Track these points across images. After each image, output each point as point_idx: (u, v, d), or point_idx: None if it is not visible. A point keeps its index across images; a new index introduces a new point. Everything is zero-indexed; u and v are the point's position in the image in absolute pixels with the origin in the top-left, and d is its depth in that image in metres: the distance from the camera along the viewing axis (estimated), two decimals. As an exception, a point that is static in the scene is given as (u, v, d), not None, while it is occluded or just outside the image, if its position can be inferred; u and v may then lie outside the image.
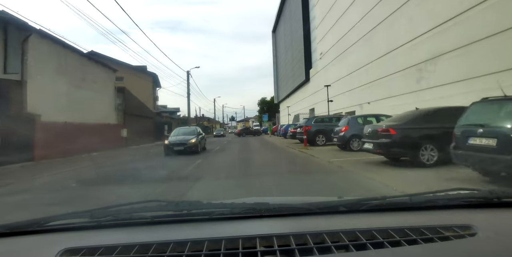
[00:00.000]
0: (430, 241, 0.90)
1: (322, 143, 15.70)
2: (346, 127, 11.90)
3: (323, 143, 15.69)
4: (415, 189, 4.60)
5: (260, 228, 1.04)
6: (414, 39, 14.17)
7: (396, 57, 15.92)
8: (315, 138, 15.68)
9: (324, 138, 15.72)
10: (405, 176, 6.32)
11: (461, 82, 11.04)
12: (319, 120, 16.45)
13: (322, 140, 15.73)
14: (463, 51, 11.03)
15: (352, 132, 11.76)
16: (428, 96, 13.02)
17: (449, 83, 11.80)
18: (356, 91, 21.77)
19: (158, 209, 1.15)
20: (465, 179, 5.47)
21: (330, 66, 27.24)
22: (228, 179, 7.06)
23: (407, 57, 14.93)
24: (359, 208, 1.15)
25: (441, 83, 12.28)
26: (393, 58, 16.31)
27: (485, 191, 1.21)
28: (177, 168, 9.30)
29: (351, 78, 22.53)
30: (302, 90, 39.40)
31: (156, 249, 0.90)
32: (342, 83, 24.02)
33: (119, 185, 6.89)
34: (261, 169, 8.52)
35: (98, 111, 18.31)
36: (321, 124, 16.13)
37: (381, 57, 17.70)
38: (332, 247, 0.88)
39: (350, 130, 11.81)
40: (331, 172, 7.60)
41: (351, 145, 11.70)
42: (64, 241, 0.97)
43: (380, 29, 17.73)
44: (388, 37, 16.80)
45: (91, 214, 1.10)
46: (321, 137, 15.75)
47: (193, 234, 1.00)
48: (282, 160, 10.72)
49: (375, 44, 18.44)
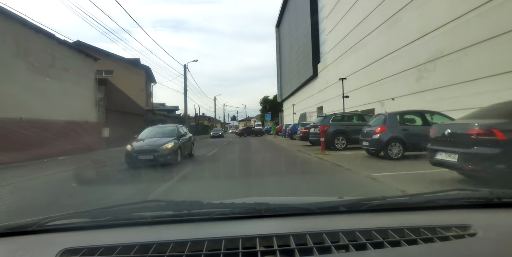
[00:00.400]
0: (430, 241, 0.90)
1: (342, 146, 12.70)
2: (383, 127, 8.92)
3: (343, 147, 12.69)
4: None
5: (260, 228, 1.04)
6: (467, 13, 11.10)
7: (434, 41, 12.92)
8: (334, 140, 12.69)
9: (345, 141, 12.73)
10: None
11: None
12: (338, 118, 13.42)
13: (342, 143, 12.74)
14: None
15: (391, 134, 8.78)
16: (483, 86, 10.03)
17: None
18: (376, 86, 18.77)
19: (158, 209, 1.16)
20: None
21: (342, 58, 24.20)
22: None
23: (451, 39, 11.93)
24: (359, 208, 1.14)
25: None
26: (430, 42, 13.31)
27: (485, 191, 1.20)
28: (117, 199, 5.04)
29: (370, 71, 19.53)
30: (309, 87, 36.38)
31: (156, 249, 0.90)
32: (358, 77, 21.02)
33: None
34: (273, 192, 5.40)
35: (73, 107, 15.36)
36: (341, 124, 13.11)
37: (412, 42, 14.70)
38: (332, 247, 0.87)
39: (388, 131, 8.83)
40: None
41: (389, 151, 8.71)
42: (64, 241, 0.97)
43: (411, 8, 14.72)
44: (421, 17, 13.80)
45: (91, 214, 1.13)
46: (341, 139, 12.75)
47: (193, 234, 0.99)
48: (301, 176, 7.01)
49: (403, 28, 15.43)
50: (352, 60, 22.34)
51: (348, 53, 23.04)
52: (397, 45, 16.06)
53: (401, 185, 5.12)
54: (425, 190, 4.37)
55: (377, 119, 9.73)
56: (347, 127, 12.85)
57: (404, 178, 5.95)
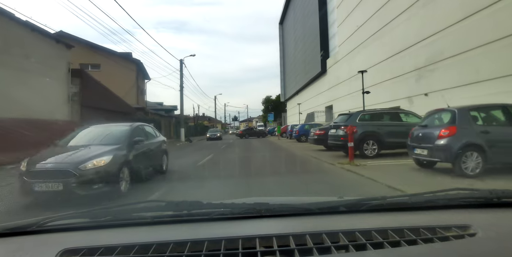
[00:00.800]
0: (430, 241, 0.89)
1: (373, 153, 9.79)
2: (452, 129, 5.99)
3: (375, 153, 9.78)
4: None
5: (260, 228, 1.03)
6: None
7: (486, 21, 10.01)
8: (362, 145, 9.78)
9: (376, 146, 9.81)
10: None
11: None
12: (366, 117, 10.47)
13: (372, 149, 9.82)
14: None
15: (465, 139, 5.89)
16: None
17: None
18: (402, 80, 15.86)
19: (158, 209, 1.16)
20: None
21: (358, 50, 21.28)
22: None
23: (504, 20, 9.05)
24: (359, 208, 1.14)
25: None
26: (476, 24, 10.41)
27: (485, 191, 1.19)
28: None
29: (393, 63, 16.63)
30: (316, 84, 33.45)
31: (156, 249, 0.89)
32: (377, 71, 18.11)
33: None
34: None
35: (38, 102, 12.51)
36: (371, 124, 10.19)
37: (452, 25, 11.79)
38: (332, 247, 0.87)
39: (460, 134, 5.93)
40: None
41: (463, 164, 5.80)
42: (64, 241, 0.96)
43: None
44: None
45: (91, 214, 1.12)
46: (372, 144, 9.83)
47: (193, 234, 0.99)
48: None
49: (443, 6, 12.51)
50: (370, 51, 19.42)
51: (365, 44, 20.11)
52: (430, 31, 13.15)
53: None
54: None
55: (436, 117, 6.79)
56: (378, 129, 9.94)
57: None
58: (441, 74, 12.69)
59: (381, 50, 17.82)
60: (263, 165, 9.52)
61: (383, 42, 17.71)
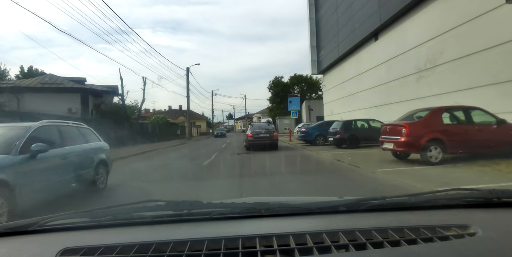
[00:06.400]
0: (430, 241, 0.88)
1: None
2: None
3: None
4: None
5: (260, 228, 1.01)
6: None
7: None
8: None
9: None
10: None
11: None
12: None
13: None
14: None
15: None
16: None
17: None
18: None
19: (158, 209, 1.13)
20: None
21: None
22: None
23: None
24: (359, 208, 1.13)
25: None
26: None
27: (485, 191, 1.17)
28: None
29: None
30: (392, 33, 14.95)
31: (156, 249, 0.88)
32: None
33: None
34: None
35: None
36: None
37: None
38: (332, 247, 0.85)
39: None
40: None
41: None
42: (64, 241, 0.95)
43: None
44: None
45: (91, 214, 1.09)
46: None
47: (193, 233, 0.97)
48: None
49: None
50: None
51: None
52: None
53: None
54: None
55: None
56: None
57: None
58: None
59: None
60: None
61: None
